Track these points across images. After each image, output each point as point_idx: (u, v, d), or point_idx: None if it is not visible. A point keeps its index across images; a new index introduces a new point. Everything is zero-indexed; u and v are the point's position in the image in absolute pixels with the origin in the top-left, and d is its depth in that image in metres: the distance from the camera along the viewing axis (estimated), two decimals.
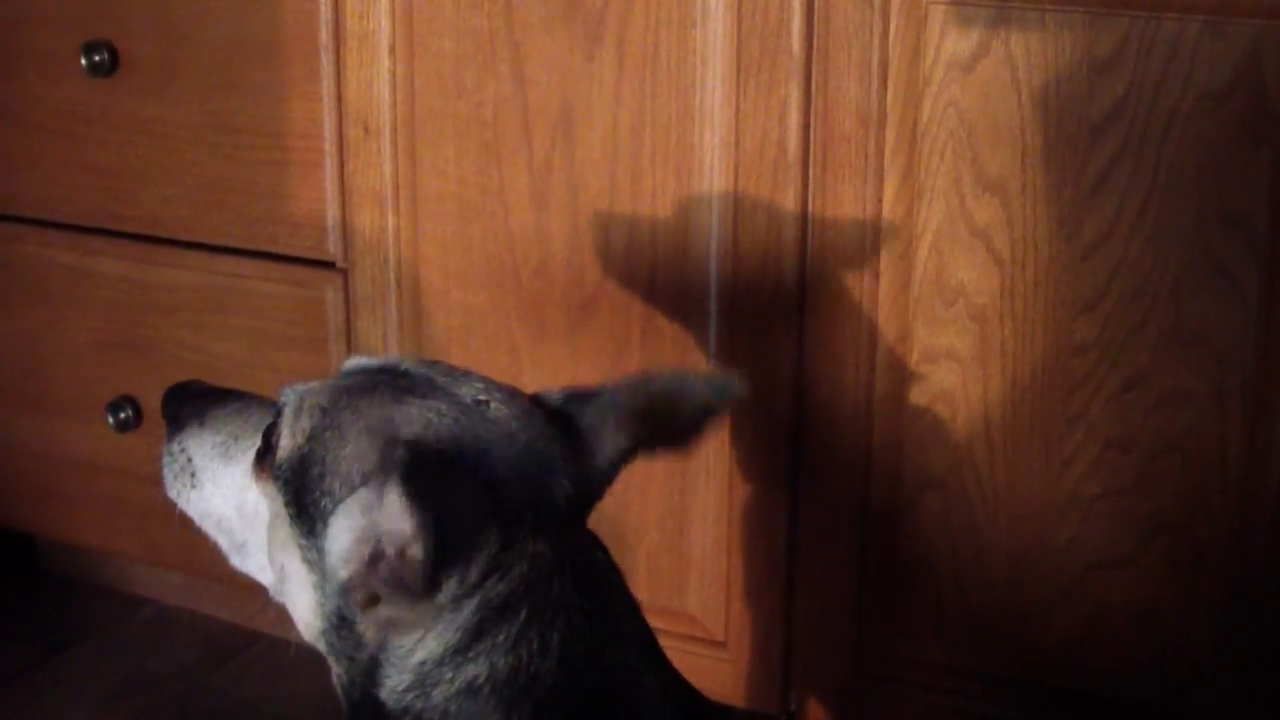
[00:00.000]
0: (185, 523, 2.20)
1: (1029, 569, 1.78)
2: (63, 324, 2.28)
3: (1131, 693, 1.78)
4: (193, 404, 1.47)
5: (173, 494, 1.46)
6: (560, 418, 1.36)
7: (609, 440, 1.36)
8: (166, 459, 1.47)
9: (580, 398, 1.38)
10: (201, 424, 1.44)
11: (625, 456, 1.37)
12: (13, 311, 2.31)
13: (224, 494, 1.40)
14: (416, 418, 1.28)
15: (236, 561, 1.42)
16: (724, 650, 1.94)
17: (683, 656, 1.39)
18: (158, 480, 2.22)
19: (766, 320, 1.82)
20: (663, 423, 1.38)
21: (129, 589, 2.53)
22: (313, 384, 1.35)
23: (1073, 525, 1.74)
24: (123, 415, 2.24)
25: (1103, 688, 1.79)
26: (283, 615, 2.37)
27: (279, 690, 2.29)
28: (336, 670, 1.32)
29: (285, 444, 1.31)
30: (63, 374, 2.30)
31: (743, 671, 1.94)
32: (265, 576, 1.40)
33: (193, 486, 1.43)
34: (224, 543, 1.43)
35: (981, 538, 1.79)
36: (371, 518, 1.20)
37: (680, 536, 1.93)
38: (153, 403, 2.21)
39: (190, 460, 1.43)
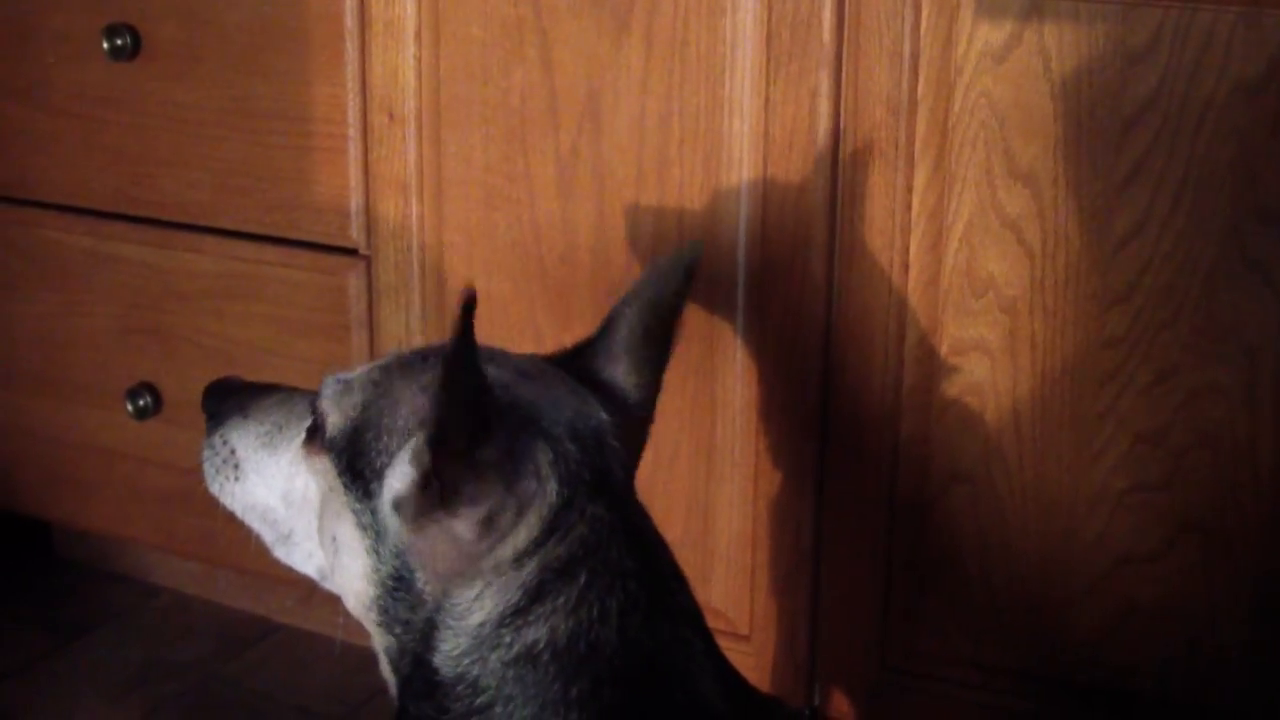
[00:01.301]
0: (203, 511, 2.22)
1: (1057, 563, 1.79)
2: (81, 309, 2.29)
3: (1159, 689, 1.79)
4: (234, 398, 1.49)
5: (214, 488, 1.48)
6: (594, 383, 1.39)
7: (631, 383, 1.40)
8: (208, 453, 1.48)
9: (586, 353, 1.42)
10: (245, 416, 1.46)
11: (654, 382, 1.42)
12: (31, 296, 2.33)
13: (269, 483, 1.42)
14: None
15: (281, 553, 1.44)
16: (747, 644, 1.95)
17: None
18: (176, 468, 2.25)
19: (795, 311, 1.83)
20: (663, 327, 1.44)
21: (145, 577, 2.55)
22: (359, 368, 1.38)
23: (1102, 520, 1.76)
24: (141, 402, 2.25)
25: (1130, 683, 1.80)
26: (303, 606, 2.39)
27: (296, 681, 2.30)
28: (386, 642, 1.33)
29: (332, 420, 1.33)
30: (81, 360, 2.32)
31: (766, 665, 1.95)
32: (311, 566, 1.42)
33: (236, 479, 1.45)
34: (268, 534, 1.45)
35: (1010, 532, 1.80)
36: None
37: (704, 529, 1.95)
38: (172, 390, 2.24)
39: (234, 452, 1.45)
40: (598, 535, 1.27)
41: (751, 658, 1.95)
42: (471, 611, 1.27)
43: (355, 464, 1.31)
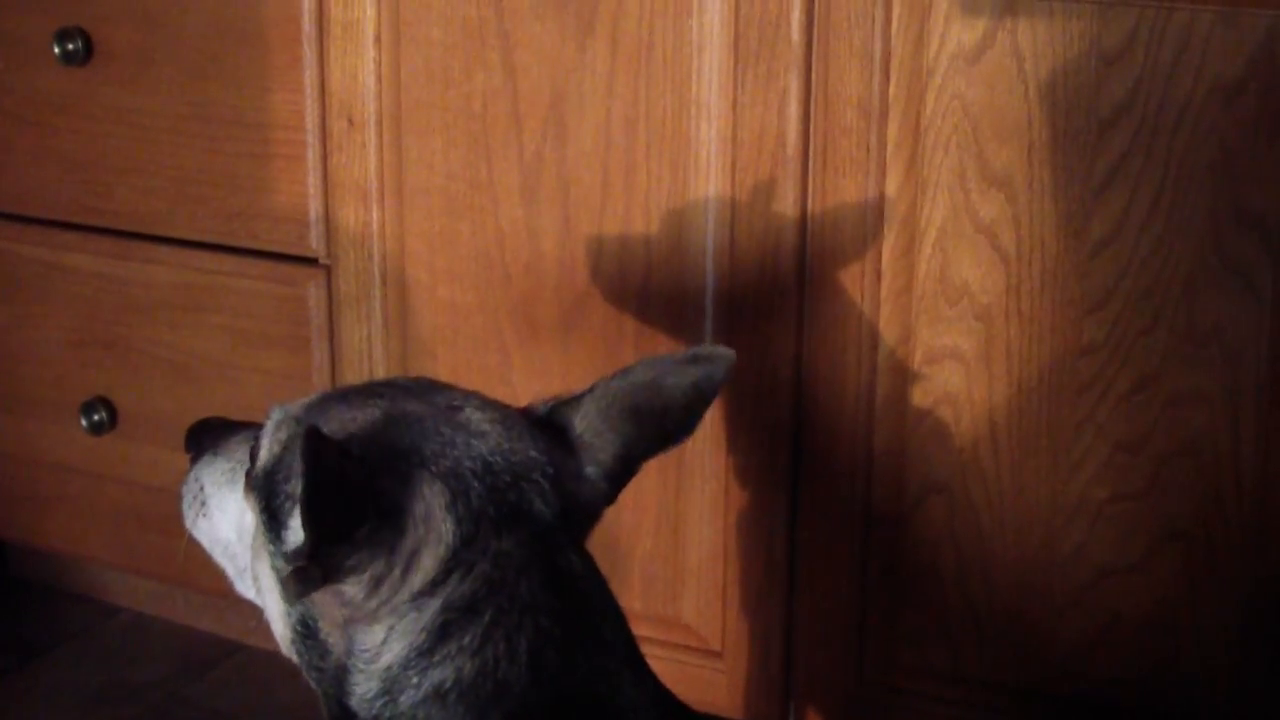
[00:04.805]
0: (162, 528, 2.23)
1: (1037, 575, 1.80)
2: (35, 322, 2.29)
3: (1144, 702, 1.80)
4: (211, 436, 1.52)
5: (188, 524, 1.51)
6: (550, 427, 1.39)
7: (602, 449, 1.39)
8: (184, 490, 1.52)
9: (567, 405, 1.42)
10: (215, 454, 1.49)
11: (624, 464, 1.40)
12: None
13: (229, 519, 1.45)
14: (376, 419, 1.32)
15: (241, 587, 1.46)
16: (720, 659, 1.96)
17: (677, 667, 1.42)
18: (133, 484, 2.26)
19: (765, 319, 1.84)
20: (656, 416, 1.41)
21: (103, 596, 2.55)
22: (299, 400, 1.40)
23: (1082, 530, 1.77)
24: (97, 417, 2.26)
25: (1114, 696, 1.81)
26: (266, 626, 2.39)
27: (258, 703, 2.30)
28: (312, 684, 1.36)
29: (263, 456, 1.36)
30: (34, 374, 2.32)
31: (740, 682, 1.96)
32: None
33: (204, 515, 1.48)
34: (229, 569, 1.47)
35: (988, 543, 1.81)
36: None
37: (675, 542, 1.95)
38: (128, 404, 2.24)
39: (203, 489, 1.48)
40: (503, 572, 1.28)
41: (724, 674, 1.96)
42: (380, 655, 1.29)
43: (270, 503, 1.33)
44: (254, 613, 2.36)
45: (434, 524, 1.27)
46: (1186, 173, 1.64)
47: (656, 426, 1.41)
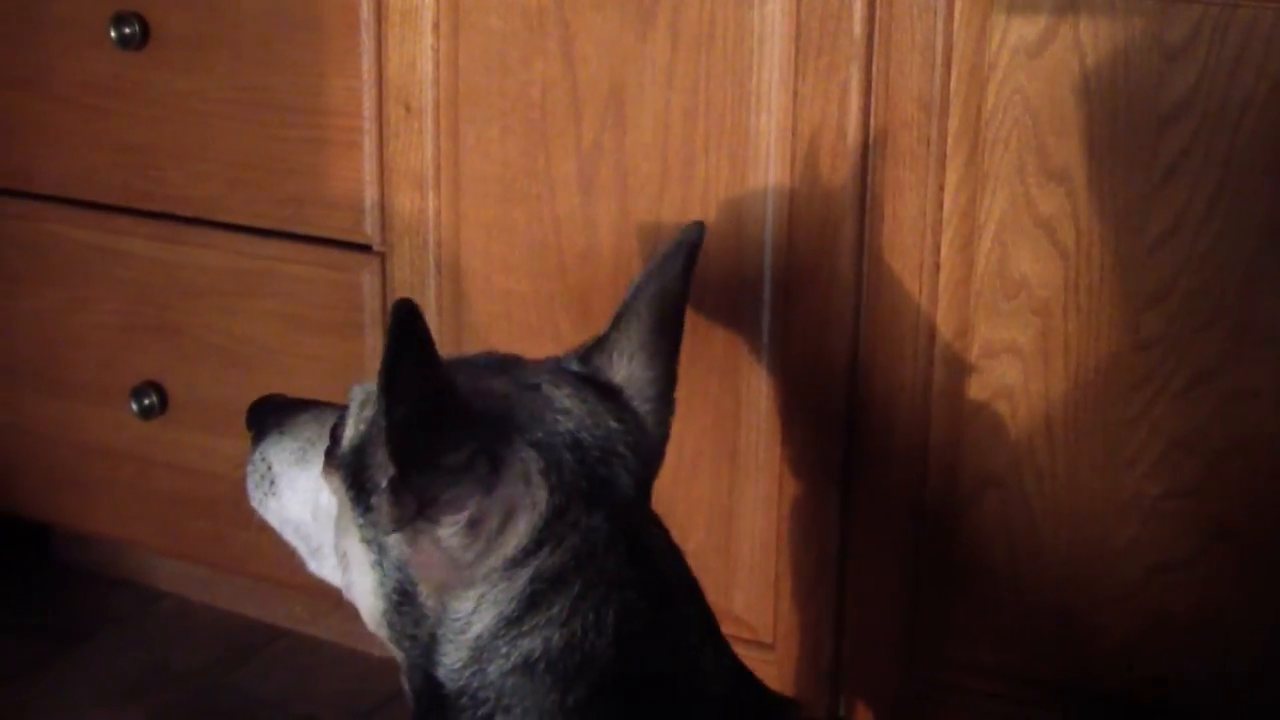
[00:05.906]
0: (209, 514, 2.26)
1: (1088, 571, 1.81)
2: (86, 306, 2.32)
3: (1192, 701, 1.81)
4: (275, 414, 1.55)
5: (255, 503, 1.54)
6: (607, 389, 1.43)
7: (649, 381, 1.44)
8: (249, 469, 1.55)
9: (596, 350, 1.46)
10: (282, 432, 1.52)
11: (667, 380, 1.46)
12: (34, 292, 2.36)
13: (300, 498, 1.48)
14: (468, 390, 1.35)
15: (313, 566, 1.50)
16: (771, 652, 1.98)
17: None
18: (182, 469, 2.28)
19: (822, 312, 1.86)
20: (670, 315, 1.48)
21: (149, 582, 2.58)
22: None
23: (1134, 526, 1.78)
24: (147, 401, 2.28)
25: (1162, 695, 1.82)
26: (310, 612, 2.42)
27: (303, 689, 2.33)
28: (400, 656, 1.39)
29: (349, 434, 1.38)
30: (85, 357, 2.34)
31: (790, 674, 1.98)
32: (338, 578, 1.47)
33: (272, 494, 1.51)
34: (301, 548, 1.51)
35: (1040, 538, 1.82)
36: None
37: (727, 533, 1.97)
38: (179, 389, 2.27)
39: (270, 468, 1.51)
40: (592, 546, 1.32)
41: (775, 667, 1.98)
42: (470, 624, 1.32)
43: (359, 478, 1.36)
44: (299, 598, 2.40)
45: (532, 487, 1.31)
46: (1246, 169, 1.65)
47: (674, 323, 1.48)
